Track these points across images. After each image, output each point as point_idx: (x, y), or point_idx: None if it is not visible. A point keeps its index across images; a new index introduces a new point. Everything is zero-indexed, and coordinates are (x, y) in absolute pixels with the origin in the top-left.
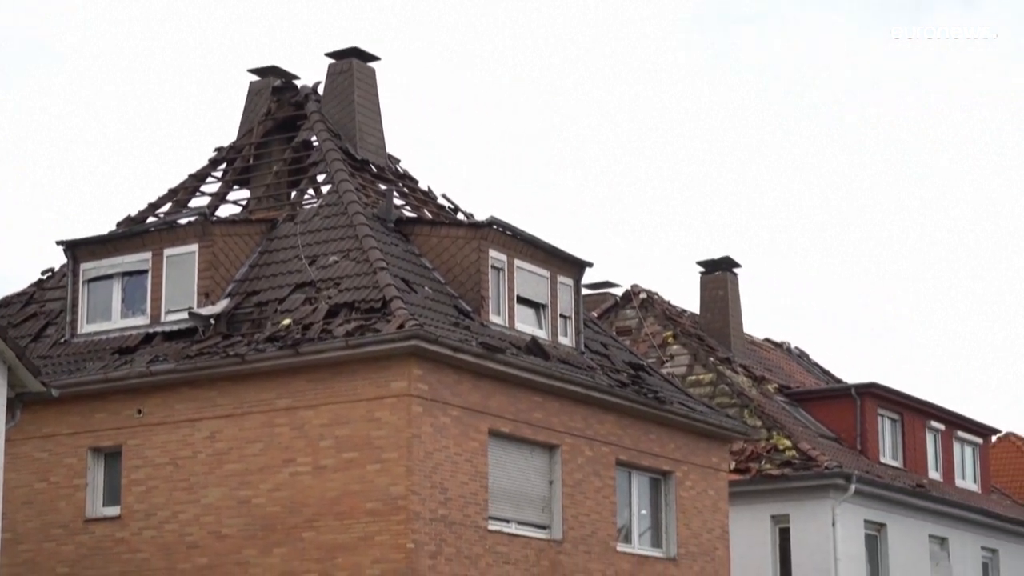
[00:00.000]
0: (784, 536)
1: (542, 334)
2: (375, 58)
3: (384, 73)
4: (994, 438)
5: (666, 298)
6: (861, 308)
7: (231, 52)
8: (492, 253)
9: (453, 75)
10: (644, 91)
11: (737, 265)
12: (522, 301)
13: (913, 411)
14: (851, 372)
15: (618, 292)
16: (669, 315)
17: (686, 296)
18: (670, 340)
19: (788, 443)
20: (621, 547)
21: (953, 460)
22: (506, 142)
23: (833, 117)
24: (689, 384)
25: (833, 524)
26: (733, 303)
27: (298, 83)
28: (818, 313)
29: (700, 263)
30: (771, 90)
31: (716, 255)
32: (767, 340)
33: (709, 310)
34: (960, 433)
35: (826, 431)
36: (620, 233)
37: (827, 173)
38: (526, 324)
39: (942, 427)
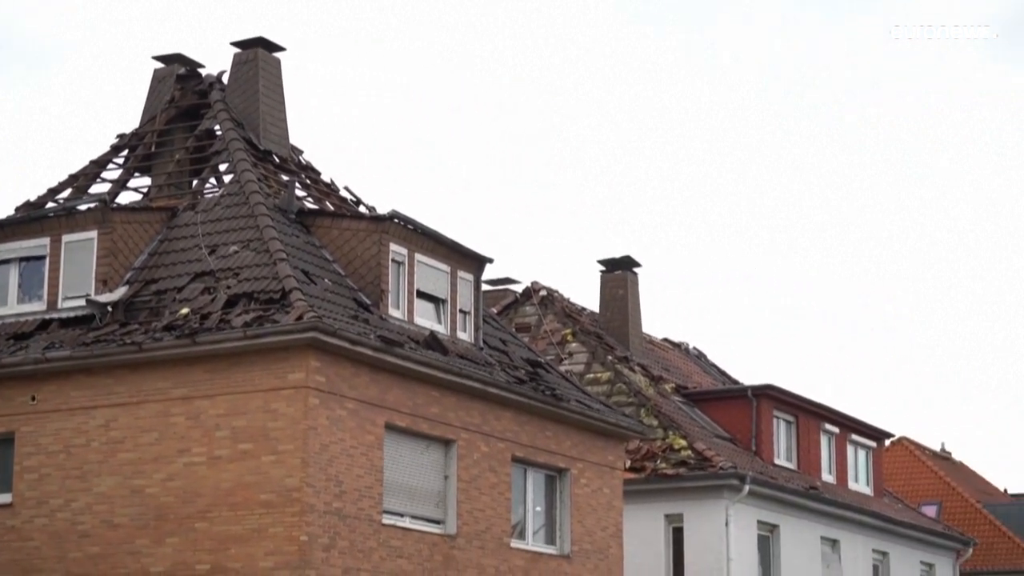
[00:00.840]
0: (678, 535)
1: (441, 329)
2: (280, 48)
3: (289, 63)
4: (887, 442)
5: (566, 296)
6: (760, 310)
7: (136, 38)
8: (393, 247)
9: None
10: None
11: (637, 264)
12: (422, 295)
13: (808, 413)
14: (748, 374)
15: (518, 289)
16: (568, 313)
17: (586, 294)
18: (569, 338)
19: (684, 443)
20: (515, 543)
21: (847, 463)
22: (414, 136)
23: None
24: (587, 382)
25: (726, 524)
26: (632, 302)
27: (203, 71)
28: (717, 314)
29: (600, 262)
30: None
31: (617, 254)
32: (666, 340)
33: (608, 309)
34: (854, 436)
35: (722, 432)
36: (522, 230)
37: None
38: (425, 319)
39: (836, 430)
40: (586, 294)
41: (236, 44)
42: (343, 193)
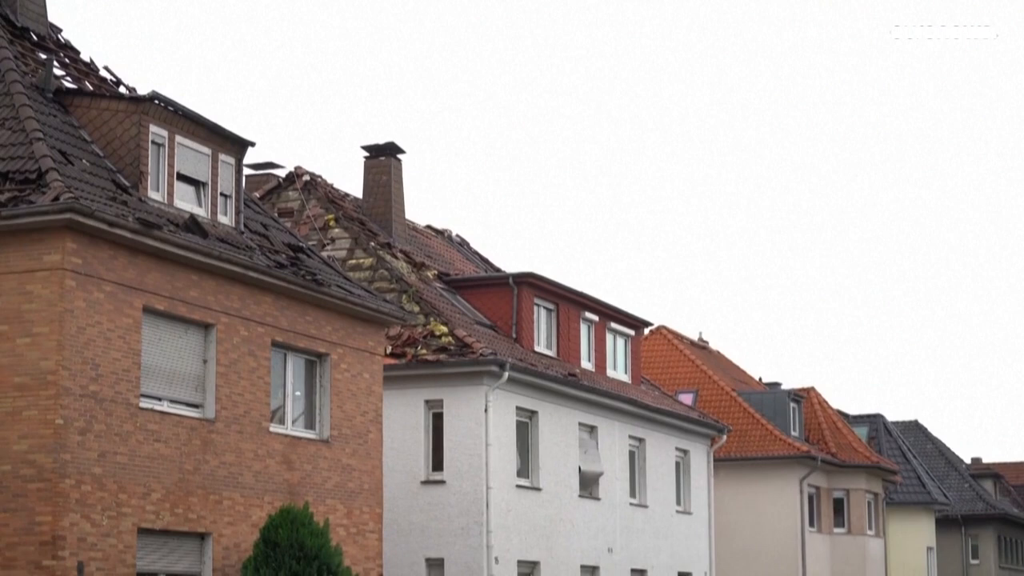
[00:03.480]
0: (437, 421)
1: (201, 212)
2: None
3: None
4: (646, 331)
5: (329, 181)
6: (522, 199)
7: None
8: (153, 128)
9: None
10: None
11: (401, 151)
12: (182, 178)
13: (568, 302)
14: (511, 262)
15: (281, 174)
16: (332, 198)
17: (350, 181)
18: (332, 223)
19: (445, 329)
20: (274, 428)
21: (605, 351)
22: (178, 18)
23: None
24: (349, 268)
25: (486, 410)
26: (396, 189)
27: None
28: (481, 202)
29: (364, 148)
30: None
31: (382, 140)
32: (429, 227)
33: (372, 195)
34: (613, 325)
35: (483, 319)
36: (286, 114)
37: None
38: (185, 201)
39: (596, 318)
40: (350, 180)
41: None
42: (103, 73)
